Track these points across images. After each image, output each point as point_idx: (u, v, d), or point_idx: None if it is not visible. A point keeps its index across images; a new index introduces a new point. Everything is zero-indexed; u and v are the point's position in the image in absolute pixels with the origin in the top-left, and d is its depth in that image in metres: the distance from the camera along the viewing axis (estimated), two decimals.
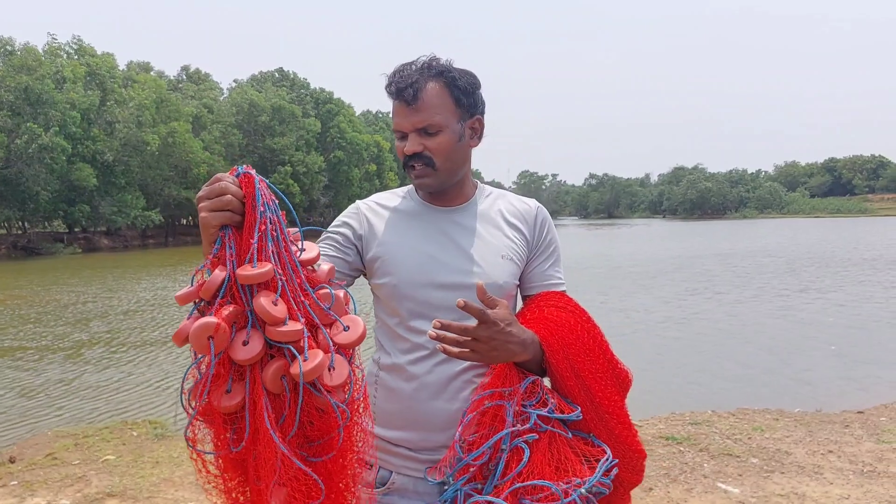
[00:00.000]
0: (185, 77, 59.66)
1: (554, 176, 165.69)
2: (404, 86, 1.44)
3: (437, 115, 1.46)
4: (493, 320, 1.29)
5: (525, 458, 1.29)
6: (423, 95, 1.44)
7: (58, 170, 36.36)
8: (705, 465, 4.41)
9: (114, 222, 41.81)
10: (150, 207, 43.59)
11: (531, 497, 1.26)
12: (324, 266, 1.27)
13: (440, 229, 1.54)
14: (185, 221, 56.48)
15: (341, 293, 1.24)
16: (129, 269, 25.93)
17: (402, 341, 1.50)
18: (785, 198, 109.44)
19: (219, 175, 1.18)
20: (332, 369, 1.15)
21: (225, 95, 57.46)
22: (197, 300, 1.17)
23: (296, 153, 53.68)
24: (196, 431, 1.18)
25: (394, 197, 1.64)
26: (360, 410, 1.22)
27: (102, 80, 41.38)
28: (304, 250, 1.24)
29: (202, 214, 1.15)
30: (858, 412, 5.82)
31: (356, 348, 1.21)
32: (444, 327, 1.27)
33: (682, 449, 4.72)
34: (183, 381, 1.16)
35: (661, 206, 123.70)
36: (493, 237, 1.55)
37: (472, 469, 1.33)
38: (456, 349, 1.29)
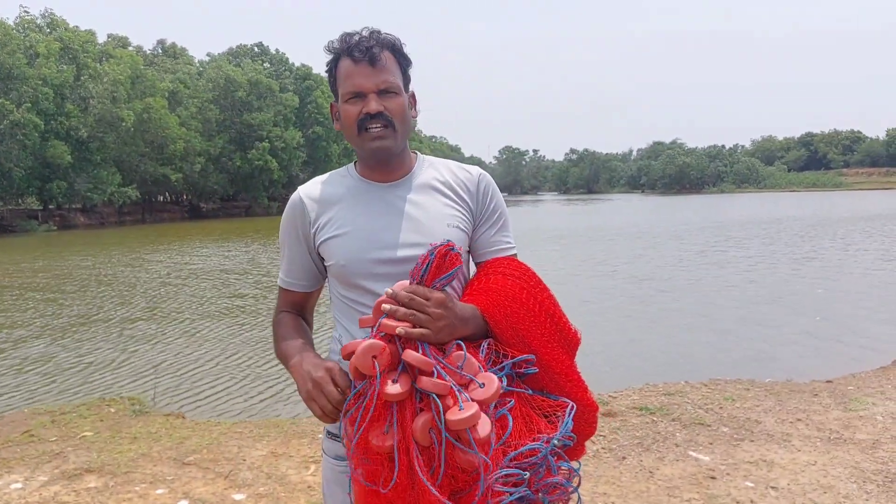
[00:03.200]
0: (160, 51, 58.71)
1: (535, 151, 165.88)
2: (367, 46, 1.45)
3: (396, 78, 1.49)
4: (444, 296, 1.35)
5: (510, 427, 1.30)
6: (382, 57, 1.47)
7: (31, 146, 35.75)
8: (677, 434, 4.50)
9: (90, 199, 41.27)
10: (126, 184, 43.02)
11: (515, 461, 1.29)
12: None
13: (384, 204, 1.54)
14: (161, 198, 55.88)
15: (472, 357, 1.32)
16: (131, 245, 25.64)
17: (357, 315, 1.51)
18: (762, 172, 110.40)
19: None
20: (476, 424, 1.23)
21: (201, 70, 56.60)
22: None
23: (274, 129, 53.14)
24: (360, 462, 1.32)
25: (333, 178, 1.63)
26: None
27: (76, 55, 40.56)
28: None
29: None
30: (827, 381, 5.94)
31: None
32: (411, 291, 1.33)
33: (655, 419, 4.81)
34: (343, 413, 1.33)
35: (640, 182, 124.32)
36: (436, 207, 1.55)
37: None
38: (408, 326, 1.30)
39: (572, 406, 1.39)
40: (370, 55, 1.45)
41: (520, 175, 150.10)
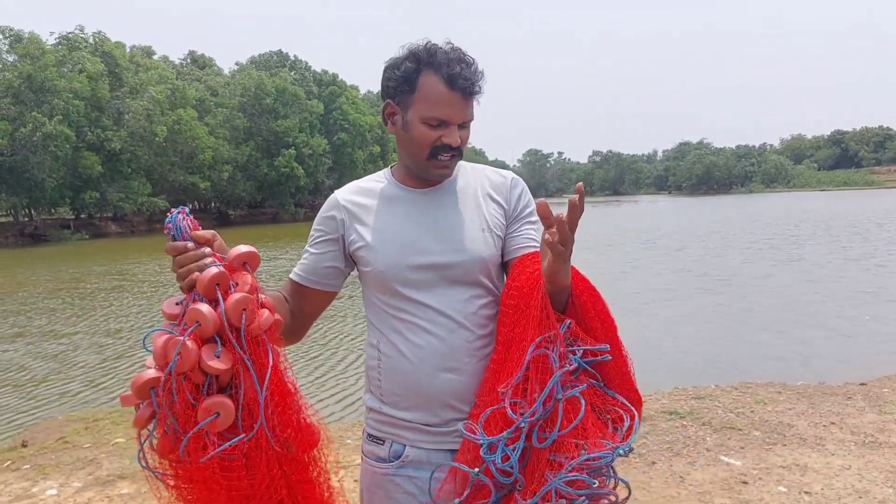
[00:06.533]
0: (189, 61, 59.45)
1: (559, 154, 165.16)
2: (474, 80, 1.46)
3: (473, 113, 1.51)
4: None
5: (582, 410, 1.29)
6: (476, 94, 1.49)
7: (62, 157, 36.38)
8: (708, 438, 4.45)
9: (120, 209, 41.94)
10: (155, 193, 43.61)
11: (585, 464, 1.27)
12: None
13: (421, 210, 1.56)
14: (190, 206, 56.26)
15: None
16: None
17: (396, 321, 1.53)
18: (791, 171, 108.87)
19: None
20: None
21: (230, 79, 57.15)
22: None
23: (299, 135, 53.51)
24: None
25: (371, 183, 1.64)
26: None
27: (118, 71, 41.25)
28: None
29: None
30: (861, 384, 5.84)
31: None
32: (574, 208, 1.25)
33: (685, 423, 4.76)
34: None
35: (666, 182, 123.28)
36: (473, 212, 1.56)
37: (522, 429, 1.30)
38: (558, 246, 1.26)
39: (636, 415, 1.38)
40: (470, 91, 1.46)
41: (544, 178, 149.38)
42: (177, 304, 1.30)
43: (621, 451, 1.28)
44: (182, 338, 1.21)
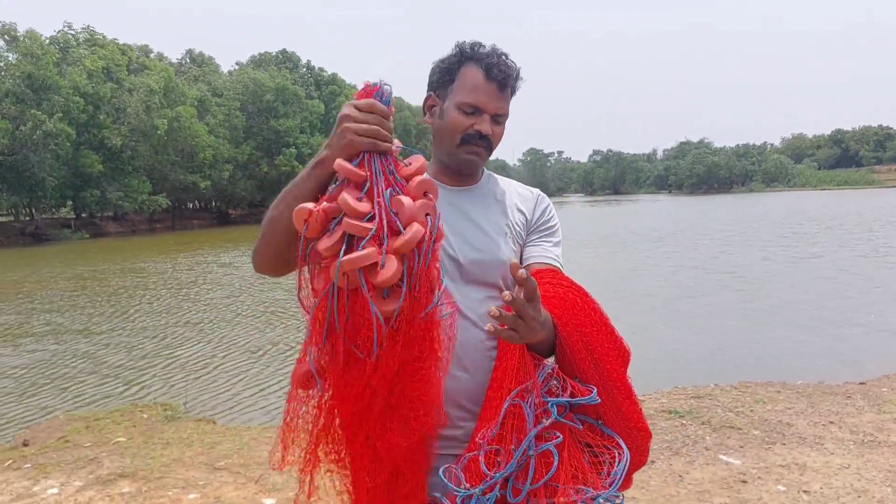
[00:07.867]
0: (188, 60, 59.41)
1: (559, 153, 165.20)
2: (510, 73, 1.53)
3: (508, 109, 1.58)
4: (538, 297, 1.24)
5: (555, 465, 1.29)
6: (510, 87, 1.56)
7: (63, 156, 36.35)
8: (707, 437, 4.46)
9: (121, 207, 41.94)
10: (155, 192, 43.57)
11: None
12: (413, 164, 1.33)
13: (449, 206, 1.58)
14: (190, 205, 56.53)
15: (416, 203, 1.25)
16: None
17: None
18: (791, 171, 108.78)
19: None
20: (381, 267, 1.18)
21: (229, 78, 57.13)
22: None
23: (300, 135, 53.52)
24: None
25: None
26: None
27: (113, 71, 41.21)
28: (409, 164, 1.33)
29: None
30: (860, 383, 5.85)
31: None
32: (512, 302, 1.17)
33: (684, 422, 4.77)
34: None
35: (666, 182, 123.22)
36: (498, 217, 1.62)
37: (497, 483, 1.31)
38: (506, 332, 1.22)
39: (626, 458, 1.35)
40: (505, 80, 1.52)
41: (545, 177, 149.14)
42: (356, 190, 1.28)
43: (602, 499, 1.28)
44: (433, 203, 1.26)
